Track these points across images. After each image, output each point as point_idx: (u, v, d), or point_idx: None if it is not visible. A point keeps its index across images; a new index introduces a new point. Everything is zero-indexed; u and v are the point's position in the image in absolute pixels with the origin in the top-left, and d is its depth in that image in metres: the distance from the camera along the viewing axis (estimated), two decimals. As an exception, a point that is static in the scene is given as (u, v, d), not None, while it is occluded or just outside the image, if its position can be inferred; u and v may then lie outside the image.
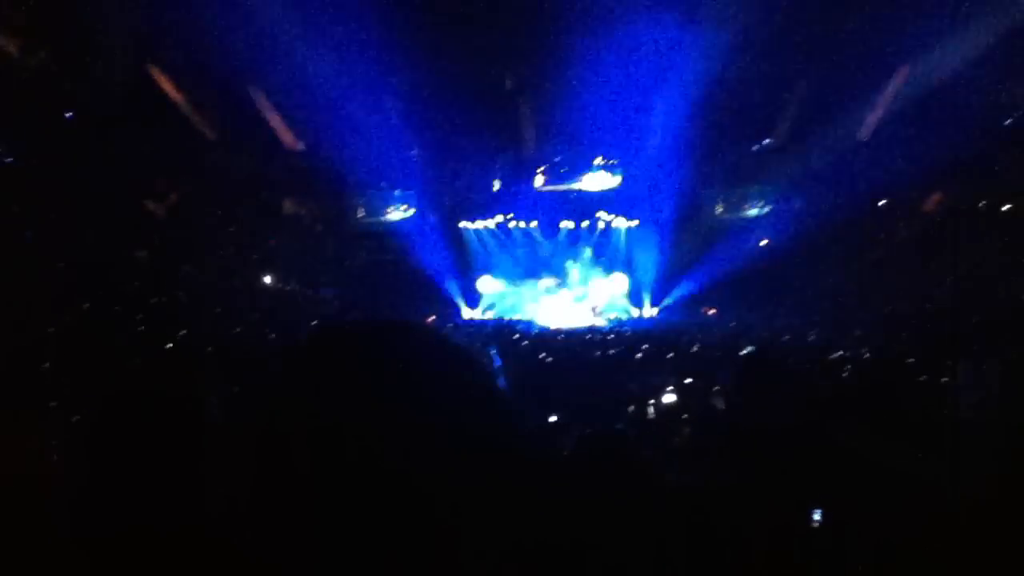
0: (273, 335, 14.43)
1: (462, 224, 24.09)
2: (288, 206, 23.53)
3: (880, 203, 22.39)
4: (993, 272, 17.41)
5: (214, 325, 15.70)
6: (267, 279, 21.88)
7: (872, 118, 20.92)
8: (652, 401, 5.29)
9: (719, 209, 23.62)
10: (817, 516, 1.97)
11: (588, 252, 24.37)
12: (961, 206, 20.66)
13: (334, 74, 18.53)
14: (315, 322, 15.07)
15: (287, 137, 21.63)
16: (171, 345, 11.52)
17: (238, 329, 15.32)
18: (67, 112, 17.05)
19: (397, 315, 18.22)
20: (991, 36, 16.65)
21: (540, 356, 9.46)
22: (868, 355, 7.69)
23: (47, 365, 7.80)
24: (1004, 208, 19.88)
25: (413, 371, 0.92)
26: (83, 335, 11.68)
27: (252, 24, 16.18)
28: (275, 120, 21.04)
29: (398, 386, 0.90)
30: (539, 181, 23.63)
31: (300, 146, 21.89)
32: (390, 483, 0.84)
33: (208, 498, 1.48)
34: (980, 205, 20.35)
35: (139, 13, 15.98)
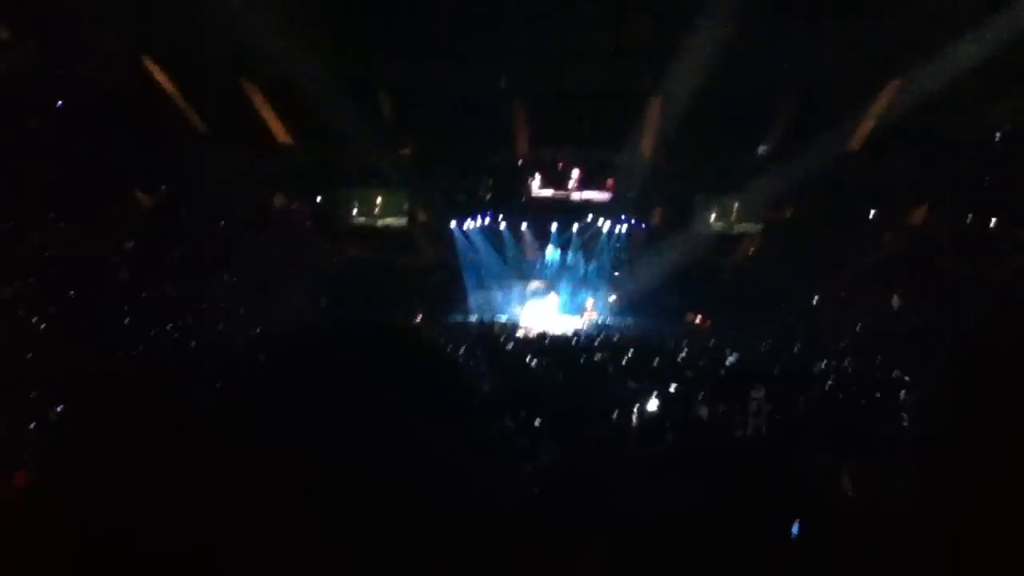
0: (259, 332, 14.38)
1: (453, 224, 24.02)
2: (277, 202, 23.44)
3: (869, 216, 22.47)
4: (980, 289, 17.49)
5: (200, 320, 15.66)
6: (255, 275, 21.79)
7: (861, 132, 21.02)
8: (636, 407, 5.30)
9: (709, 217, 23.62)
10: (795, 530, 1.98)
11: (577, 256, 24.35)
12: (949, 222, 20.76)
13: (326, 71, 18.49)
14: (293, 324, 15.01)
15: (278, 133, 21.56)
16: (156, 339, 11.49)
17: (222, 325, 15.29)
18: (55, 103, 16.96)
19: (384, 315, 18.18)
20: (980, 54, 16.76)
21: (526, 359, 9.46)
22: (851, 368, 7.73)
23: (30, 356, 7.77)
24: (991, 224, 19.99)
25: (394, 375, 0.93)
26: (67, 328, 11.62)
27: (243, 20, 16.13)
28: (266, 116, 20.97)
29: (377, 390, 0.90)
30: (533, 185, 23.58)
31: (291, 142, 21.82)
32: (366, 488, 0.84)
33: (186, 500, 1.47)
34: (967, 221, 20.45)
35: (129, 6, 15.91)
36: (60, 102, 17.01)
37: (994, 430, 0.82)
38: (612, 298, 24.18)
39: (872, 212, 22.45)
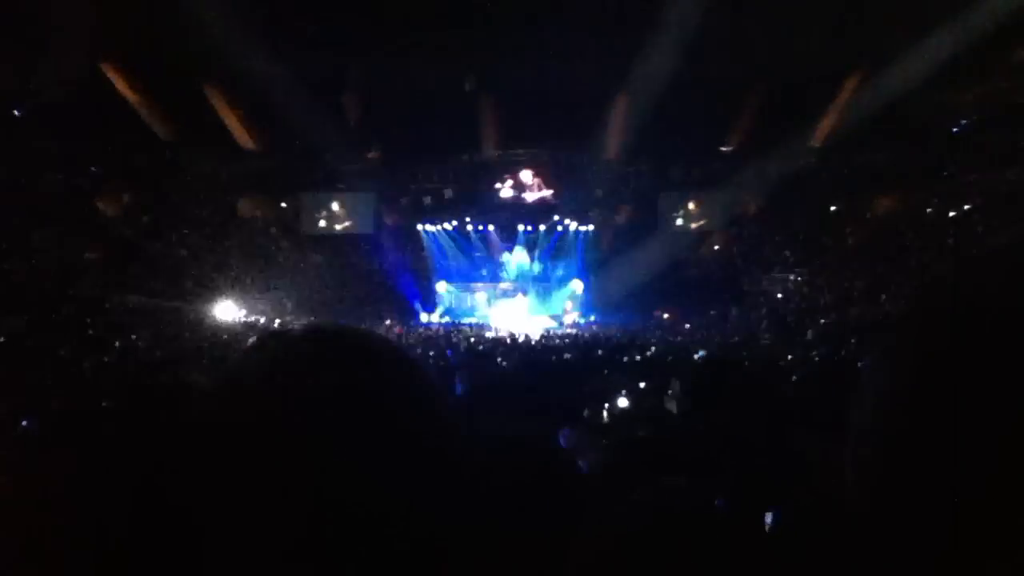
0: (227, 338, 14.26)
1: (420, 226, 24.00)
2: (244, 207, 23.24)
3: (831, 209, 22.75)
4: (944, 275, 17.69)
5: (166, 327, 15.49)
6: (221, 281, 21.61)
7: (825, 126, 21.27)
8: (607, 404, 5.31)
9: (675, 215, 23.81)
10: (769, 519, 1.99)
11: (545, 256, 24.42)
12: (910, 212, 21.07)
13: (291, 75, 18.36)
14: (261, 330, 14.93)
15: (243, 137, 21.38)
16: (121, 347, 11.34)
17: (189, 332, 15.14)
18: (16, 110, 16.70)
19: (353, 318, 18.05)
20: (939, 48, 17.01)
21: (496, 359, 9.46)
22: (818, 358, 7.81)
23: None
24: (951, 214, 20.31)
25: (358, 378, 0.92)
26: (30, 338, 11.45)
27: (208, 22, 15.99)
28: (231, 120, 20.79)
29: (346, 394, 0.90)
30: (500, 186, 23.63)
31: (256, 146, 21.65)
32: (336, 493, 0.84)
33: (144, 506, 1.45)
34: (928, 211, 20.76)
35: (92, 10, 15.70)
36: (19, 107, 16.76)
37: (965, 416, 0.83)
38: (580, 297, 24.27)
39: (835, 205, 22.73)
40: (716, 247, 23.76)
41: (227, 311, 19.67)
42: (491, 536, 0.99)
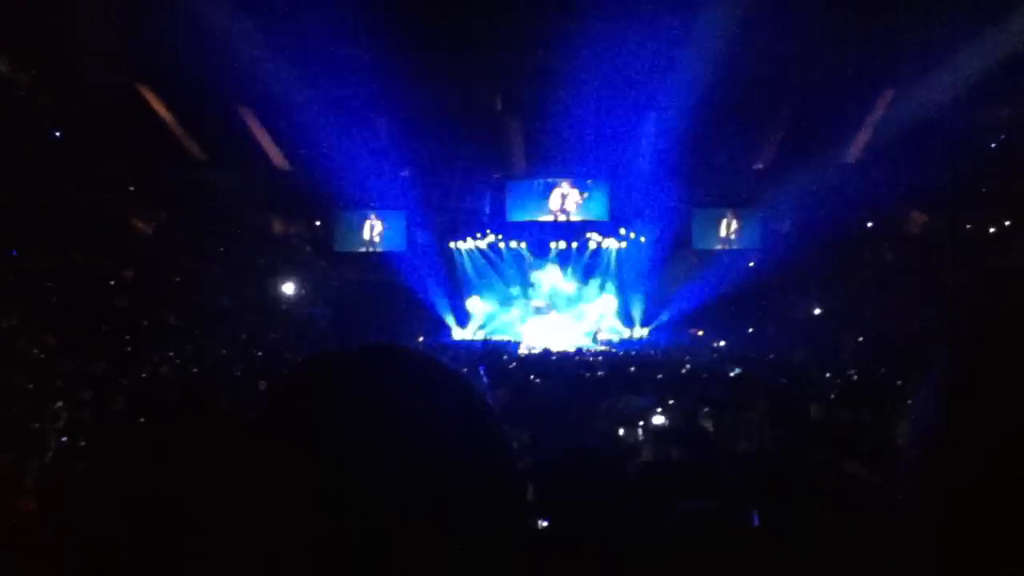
0: (262, 356, 14.37)
1: (452, 245, 24.09)
2: (277, 226, 23.47)
3: (867, 226, 22.51)
4: (978, 294, 17.48)
5: (201, 346, 15.64)
6: (256, 300, 21.80)
7: (858, 142, 21.08)
8: (642, 422, 5.28)
9: (707, 232, 23.69)
10: (807, 534, 1.97)
11: (578, 273, 24.39)
12: (947, 229, 20.80)
13: (324, 94, 18.55)
14: (306, 349, 15.03)
15: (276, 157, 21.61)
16: (158, 366, 11.45)
17: (225, 351, 15.27)
18: (54, 131, 17.03)
19: (387, 336, 18.18)
20: (975, 62, 16.81)
21: (530, 377, 9.44)
22: (855, 376, 7.71)
23: (31, 386, 7.75)
24: (990, 231, 20.02)
25: (406, 395, 0.92)
26: (68, 356, 11.60)
27: (241, 43, 16.21)
28: (264, 140, 21.03)
29: (392, 411, 0.89)
30: (531, 204, 23.71)
31: (289, 166, 21.87)
32: (381, 509, 0.83)
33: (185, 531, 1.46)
34: (966, 228, 20.48)
35: (127, 33, 15.98)
36: (57, 128, 17.10)
37: (1001, 435, 0.81)
38: (614, 314, 24.18)
39: (871, 222, 22.49)
40: (750, 264, 23.59)
41: (263, 329, 19.82)
42: (529, 547, 0.98)
